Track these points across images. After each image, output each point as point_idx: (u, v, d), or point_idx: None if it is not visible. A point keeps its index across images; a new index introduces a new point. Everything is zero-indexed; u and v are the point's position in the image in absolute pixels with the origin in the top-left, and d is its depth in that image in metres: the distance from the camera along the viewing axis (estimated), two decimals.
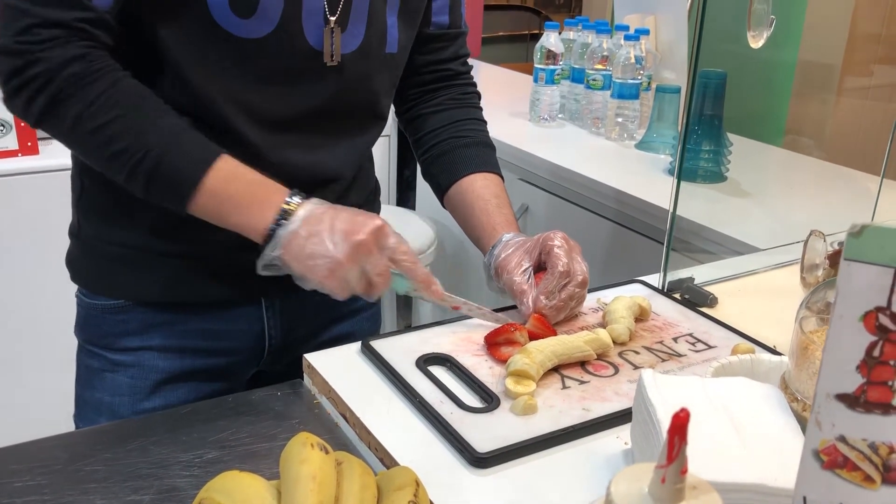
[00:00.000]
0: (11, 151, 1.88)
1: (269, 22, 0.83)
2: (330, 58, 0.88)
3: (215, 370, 0.98)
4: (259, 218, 0.80)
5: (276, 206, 0.80)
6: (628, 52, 1.87)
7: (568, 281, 0.90)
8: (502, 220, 1.00)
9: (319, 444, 0.59)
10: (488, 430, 0.73)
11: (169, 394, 0.96)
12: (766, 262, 1.19)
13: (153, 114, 0.80)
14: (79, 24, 0.77)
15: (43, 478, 0.70)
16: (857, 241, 0.38)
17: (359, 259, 0.79)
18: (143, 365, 0.95)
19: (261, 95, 0.87)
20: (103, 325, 0.95)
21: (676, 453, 0.36)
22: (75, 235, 0.97)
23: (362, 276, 0.81)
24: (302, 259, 0.79)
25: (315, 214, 0.80)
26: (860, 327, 0.39)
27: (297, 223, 0.79)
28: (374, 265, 0.80)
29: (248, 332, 0.99)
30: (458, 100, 1.09)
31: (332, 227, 0.79)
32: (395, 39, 0.95)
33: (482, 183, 1.03)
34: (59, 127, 0.79)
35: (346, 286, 0.80)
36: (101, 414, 0.96)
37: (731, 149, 1.66)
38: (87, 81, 0.77)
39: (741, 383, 0.71)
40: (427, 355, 0.85)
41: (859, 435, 0.40)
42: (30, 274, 1.88)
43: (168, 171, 0.79)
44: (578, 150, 1.91)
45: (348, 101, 0.93)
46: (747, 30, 1.03)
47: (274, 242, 0.80)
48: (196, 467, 0.72)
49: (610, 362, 0.86)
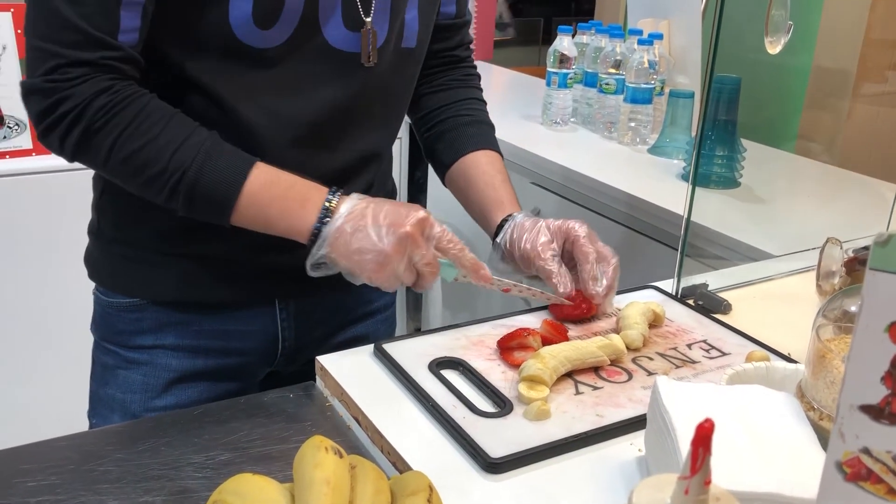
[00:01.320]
0: (25, 151, 1.89)
1: (288, 29, 0.84)
2: (367, 58, 0.89)
3: (228, 370, 0.98)
4: (302, 219, 0.81)
5: (318, 205, 0.81)
6: (641, 56, 1.87)
7: (602, 269, 0.93)
8: (508, 196, 1.01)
9: (334, 447, 0.59)
10: (501, 435, 0.73)
11: (181, 393, 0.96)
12: (780, 269, 1.18)
13: (183, 132, 0.81)
14: (105, 61, 0.78)
15: (56, 478, 0.70)
16: (882, 250, 0.38)
17: (406, 250, 0.80)
18: (155, 363, 0.95)
19: (288, 101, 0.87)
20: (118, 323, 0.96)
21: (700, 464, 0.36)
22: (94, 234, 0.98)
23: (410, 267, 0.81)
24: (349, 255, 0.80)
25: (358, 209, 0.81)
26: (885, 338, 0.39)
27: (340, 219, 0.80)
28: (422, 256, 0.81)
29: (261, 333, 0.98)
30: (460, 80, 1.11)
31: (377, 221, 0.80)
32: (413, 34, 0.95)
33: (486, 160, 1.04)
34: (95, 159, 0.81)
35: (395, 279, 0.81)
36: (114, 411, 0.96)
37: (745, 154, 1.66)
38: (116, 111, 0.78)
39: (756, 391, 0.70)
40: (440, 359, 0.84)
41: (883, 447, 0.40)
42: (43, 273, 1.89)
43: (207, 186, 0.80)
44: (591, 155, 1.90)
45: (370, 99, 0.93)
46: (765, 35, 1.02)
47: (320, 241, 0.80)
48: (208, 469, 0.72)
49: (623, 368, 0.85)
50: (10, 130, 1.89)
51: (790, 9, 1.05)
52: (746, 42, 1.16)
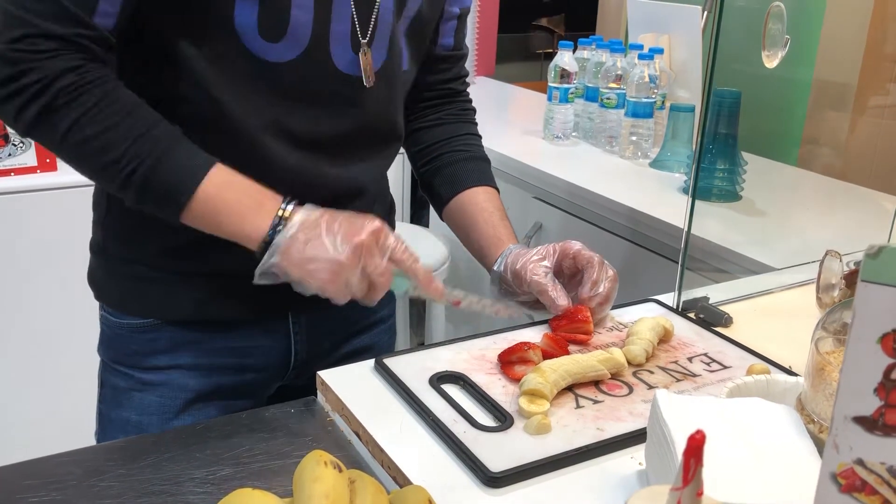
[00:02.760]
0: (30, 168, 1.90)
1: (298, 46, 0.84)
2: (368, 80, 0.90)
3: (243, 387, 0.98)
4: (255, 226, 0.80)
5: (272, 213, 0.80)
6: (642, 70, 1.88)
7: (605, 275, 0.94)
8: (506, 233, 1.03)
9: (333, 462, 0.59)
10: (501, 449, 0.73)
11: (198, 412, 0.96)
12: (781, 282, 1.18)
13: (146, 123, 0.80)
14: (77, 38, 0.77)
15: (57, 493, 0.70)
16: (874, 262, 0.38)
17: (360, 260, 0.80)
18: (172, 384, 0.95)
19: (292, 117, 0.88)
20: (131, 344, 0.95)
21: (692, 476, 0.36)
22: (98, 253, 0.97)
23: (363, 277, 0.81)
24: (302, 264, 0.79)
25: (311, 219, 0.80)
26: (878, 349, 0.39)
27: (294, 228, 0.80)
28: (375, 266, 0.81)
29: (275, 349, 0.99)
30: (457, 115, 1.12)
31: (331, 230, 0.79)
32: (405, 57, 0.97)
33: (484, 196, 1.06)
34: (50, 136, 0.79)
35: (348, 289, 0.80)
36: (128, 433, 0.95)
37: (746, 167, 1.66)
38: (80, 92, 0.77)
39: (757, 404, 0.70)
40: (440, 373, 0.85)
41: (878, 458, 0.40)
42: (47, 291, 1.89)
43: (161, 180, 0.79)
44: (592, 169, 1.91)
45: (373, 121, 0.95)
46: (762, 49, 1.03)
47: (272, 249, 0.80)
48: (209, 484, 0.72)
49: (624, 382, 0.85)
50: (15, 148, 1.90)
51: (788, 23, 1.05)
52: (746, 56, 1.17)
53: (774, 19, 1.02)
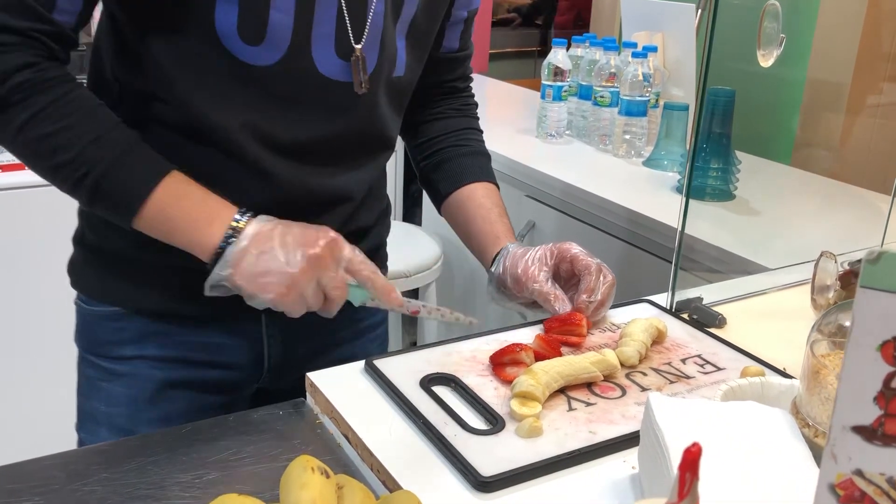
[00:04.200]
0: (17, 165, 1.88)
1: (278, 49, 0.82)
2: (360, 86, 0.87)
3: (214, 383, 0.97)
4: (206, 237, 0.78)
5: (224, 224, 0.78)
6: (636, 69, 1.87)
7: (603, 281, 0.93)
8: (504, 230, 1.01)
9: (320, 467, 0.58)
10: (493, 452, 0.72)
11: (167, 404, 0.94)
12: (775, 282, 1.18)
13: (103, 126, 0.78)
14: (35, 34, 0.75)
15: (41, 497, 0.69)
16: (873, 268, 0.37)
17: (315, 273, 0.77)
18: (138, 375, 0.93)
19: (272, 122, 0.86)
20: (101, 333, 0.95)
21: (688, 490, 0.35)
22: (79, 242, 0.96)
23: (318, 290, 0.78)
24: (254, 277, 0.77)
25: (263, 231, 0.78)
26: (877, 357, 0.38)
27: (245, 240, 0.78)
28: (331, 278, 0.78)
29: (246, 348, 0.97)
30: (458, 109, 1.11)
31: (285, 243, 0.77)
32: (403, 63, 0.93)
33: (483, 192, 1.04)
34: (2, 132, 0.77)
35: (302, 302, 0.78)
36: (100, 424, 0.95)
37: (740, 167, 1.65)
38: (37, 90, 0.75)
39: (751, 408, 0.69)
40: (431, 375, 0.84)
41: (877, 469, 0.39)
42: (36, 286, 1.88)
43: (114, 185, 0.78)
44: (586, 167, 1.90)
45: (358, 127, 0.92)
46: (757, 49, 1.02)
47: (222, 262, 0.78)
48: (195, 488, 0.71)
49: (617, 384, 0.84)
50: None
51: (783, 22, 1.05)
52: (740, 55, 1.16)
53: (770, 18, 1.01)
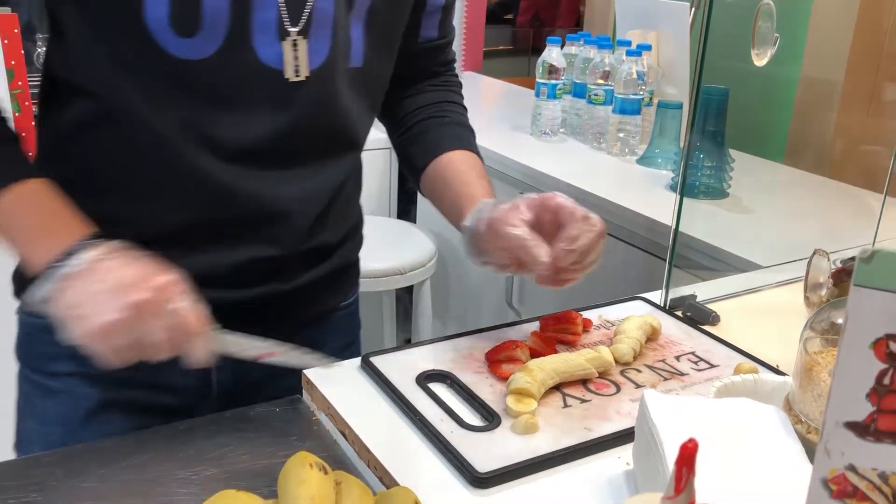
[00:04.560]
0: None
1: (215, 39, 0.76)
2: (294, 73, 0.80)
3: (154, 406, 0.89)
4: (43, 252, 0.72)
5: (61, 245, 0.72)
6: (630, 67, 1.87)
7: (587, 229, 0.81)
8: (482, 190, 0.91)
9: (318, 463, 0.58)
10: (489, 449, 0.72)
11: (104, 424, 0.87)
12: (768, 280, 1.18)
13: None
14: None
15: (38, 494, 0.69)
16: (867, 266, 0.38)
17: (135, 321, 0.69)
18: (73, 392, 0.87)
19: (214, 123, 0.79)
20: (38, 345, 0.88)
21: (684, 485, 0.35)
22: None
23: (135, 343, 0.70)
24: (66, 307, 0.69)
25: (101, 261, 0.70)
26: (870, 355, 0.38)
27: (78, 266, 0.70)
28: (148, 331, 0.69)
29: (189, 373, 0.81)
30: (438, 85, 1.04)
31: (105, 280, 0.69)
32: (359, 52, 0.86)
33: (462, 157, 0.95)
34: None
35: (117, 353, 0.70)
36: (34, 443, 0.89)
37: (733, 165, 1.66)
38: None
39: (744, 404, 0.70)
40: (427, 372, 0.84)
41: (869, 464, 0.40)
42: None
43: None
44: (580, 165, 1.91)
45: (314, 123, 0.84)
46: (751, 48, 1.03)
47: (42, 283, 0.71)
48: (193, 484, 0.71)
49: (612, 380, 0.85)
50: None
51: (777, 20, 1.05)
52: (734, 53, 1.17)
53: (764, 17, 1.02)
